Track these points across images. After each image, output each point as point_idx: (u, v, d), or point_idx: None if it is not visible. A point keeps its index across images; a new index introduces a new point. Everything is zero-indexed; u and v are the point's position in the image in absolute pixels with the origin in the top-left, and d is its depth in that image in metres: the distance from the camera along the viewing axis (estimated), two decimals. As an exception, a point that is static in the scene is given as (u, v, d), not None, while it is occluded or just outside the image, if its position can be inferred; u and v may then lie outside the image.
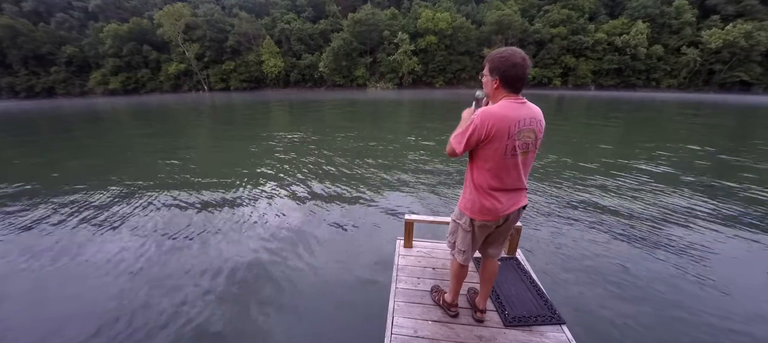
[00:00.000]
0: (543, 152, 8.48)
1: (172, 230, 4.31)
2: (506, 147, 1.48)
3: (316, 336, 2.54)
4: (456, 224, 1.83)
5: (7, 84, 56.60)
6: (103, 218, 4.79)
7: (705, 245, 3.78)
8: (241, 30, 54.54)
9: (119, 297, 3.00)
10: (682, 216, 4.56)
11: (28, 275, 3.43)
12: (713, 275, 3.21)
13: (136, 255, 3.72)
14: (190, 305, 2.86)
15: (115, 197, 5.63)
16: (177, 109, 25.79)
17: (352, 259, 3.58)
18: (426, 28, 50.22)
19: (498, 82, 1.51)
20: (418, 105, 25.40)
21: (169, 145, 10.80)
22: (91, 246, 3.95)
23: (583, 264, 3.41)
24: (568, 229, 4.19)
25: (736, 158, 8.09)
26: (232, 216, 4.75)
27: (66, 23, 58.41)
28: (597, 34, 46.90)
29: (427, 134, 11.66)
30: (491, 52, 1.55)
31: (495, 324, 2.01)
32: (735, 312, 2.71)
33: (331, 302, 2.90)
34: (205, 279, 3.25)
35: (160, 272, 3.38)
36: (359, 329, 2.57)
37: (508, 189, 1.60)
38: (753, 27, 38.17)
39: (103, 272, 3.42)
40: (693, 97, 34.98)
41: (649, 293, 2.95)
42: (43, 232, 4.37)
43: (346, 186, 6.00)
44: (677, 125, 14.49)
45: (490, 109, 1.48)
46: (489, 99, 1.63)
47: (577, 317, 2.60)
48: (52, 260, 3.68)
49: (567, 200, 5.16)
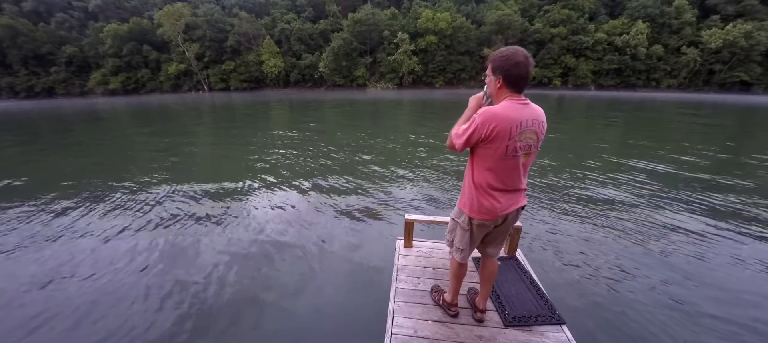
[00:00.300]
0: (543, 152, 8.48)
1: (169, 228, 4.31)
2: (507, 148, 1.48)
3: (316, 336, 2.54)
4: (455, 222, 1.83)
5: (7, 84, 56.57)
6: (103, 216, 4.79)
7: (705, 245, 3.78)
8: (241, 30, 54.53)
9: (120, 294, 3.00)
10: (683, 216, 4.56)
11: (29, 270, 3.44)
12: (713, 275, 3.21)
13: (135, 254, 3.72)
14: (189, 306, 2.87)
15: (115, 197, 5.63)
16: (177, 109, 25.79)
17: (351, 259, 3.58)
18: (426, 28, 50.21)
19: (501, 82, 1.50)
20: (418, 105, 25.40)
21: (169, 145, 10.80)
22: (93, 243, 3.96)
23: (584, 264, 3.41)
24: (568, 229, 4.19)
25: (736, 158, 8.09)
26: (232, 215, 4.75)
27: (66, 23, 58.39)
28: (597, 34, 46.90)
29: (427, 133, 11.66)
30: (493, 52, 1.55)
31: (495, 324, 2.01)
32: (735, 312, 2.71)
33: (331, 302, 2.90)
34: (204, 278, 3.25)
35: (159, 272, 3.38)
36: (359, 329, 2.57)
37: (507, 189, 1.60)
38: (753, 27, 38.16)
39: (104, 268, 3.43)
40: (693, 97, 34.97)
41: (650, 293, 2.95)
42: (46, 229, 4.38)
43: (345, 186, 6.00)
44: (677, 125, 14.49)
45: (493, 110, 1.47)
46: (492, 99, 1.62)
47: (577, 317, 2.60)
48: (52, 254, 3.70)
49: (567, 200, 5.16)
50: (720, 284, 3.07)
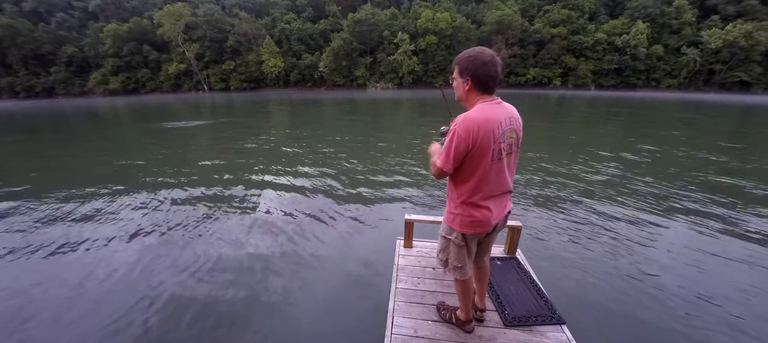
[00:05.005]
0: (543, 151, 8.47)
1: (167, 227, 4.31)
2: (493, 151, 1.41)
3: (316, 336, 2.54)
4: (446, 240, 1.72)
5: (7, 84, 56.48)
6: (105, 214, 4.79)
7: (705, 244, 3.78)
8: (241, 30, 54.50)
9: (121, 291, 3.00)
10: (682, 216, 4.56)
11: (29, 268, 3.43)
12: (714, 274, 3.21)
13: (133, 252, 3.72)
14: (188, 305, 2.86)
15: (117, 195, 5.63)
16: (177, 109, 25.77)
17: (351, 259, 3.58)
18: (426, 28, 50.18)
19: (470, 84, 1.44)
20: (417, 104, 25.40)
21: (170, 144, 10.80)
22: (95, 239, 3.96)
23: (583, 263, 3.41)
24: (567, 229, 4.19)
25: (736, 158, 8.08)
26: (231, 215, 4.75)
27: (66, 23, 58.36)
28: (597, 34, 46.85)
29: (427, 131, 11.66)
30: (458, 54, 1.48)
31: (495, 324, 2.01)
32: (734, 310, 2.71)
33: (331, 302, 2.90)
34: (204, 278, 3.25)
35: (158, 270, 3.38)
36: (359, 329, 2.57)
37: (496, 195, 1.56)
38: (753, 27, 38.09)
39: (105, 267, 3.42)
40: (693, 97, 34.97)
41: (650, 293, 2.95)
42: (46, 227, 4.38)
43: (345, 185, 6.00)
44: (677, 125, 14.48)
45: (470, 115, 1.40)
46: (462, 104, 1.55)
47: (577, 317, 2.59)
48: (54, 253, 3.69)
49: (567, 200, 5.16)
50: (720, 283, 3.07)
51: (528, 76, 49.90)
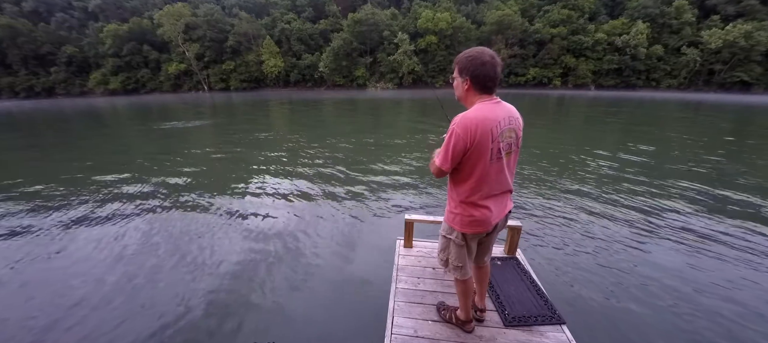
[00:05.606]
0: (543, 151, 8.48)
1: (167, 227, 4.31)
2: (491, 151, 1.42)
3: (316, 336, 2.54)
4: (446, 239, 1.73)
5: (7, 84, 56.45)
6: (104, 213, 4.79)
7: (705, 245, 3.78)
8: (241, 30, 54.49)
9: (120, 293, 3.00)
10: (683, 215, 4.56)
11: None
12: (714, 274, 3.21)
13: (133, 253, 3.72)
14: (189, 305, 2.86)
15: (118, 195, 5.63)
16: (177, 109, 25.76)
17: (351, 259, 3.58)
18: (426, 28, 50.17)
19: (469, 84, 1.45)
20: (417, 105, 25.39)
21: (170, 144, 10.79)
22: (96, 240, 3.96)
23: (583, 263, 3.41)
24: (567, 228, 4.19)
25: (736, 158, 8.08)
26: (231, 215, 4.75)
27: (66, 23, 58.35)
28: (597, 34, 46.85)
29: (427, 131, 11.66)
30: (458, 54, 1.49)
31: (495, 324, 2.01)
32: (734, 310, 2.71)
33: (331, 302, 2.90)
34: (203, 278, 3.25)
35: (157, 270, 3.39)
36: (359, 329, 2.57)
37: (496, 194, 1.56)
38: (753, 27, 38.10)
39: (105, 267, 3.42)
40: (693, 97, 34.96)
41: (649, 292, 2.95)
42: (46, 225, 4.38)
43: (345, 185, 6.00)
44: (677, 125, 14.48)
45: (468, 115, 1.41)
46: (462, 103, 1.56)
47: (577, 316, 2.59)
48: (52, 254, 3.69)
49: (567, 200, 5.16)
50: (722, 283, 3.07)
51: (528, 76, 49.89)
